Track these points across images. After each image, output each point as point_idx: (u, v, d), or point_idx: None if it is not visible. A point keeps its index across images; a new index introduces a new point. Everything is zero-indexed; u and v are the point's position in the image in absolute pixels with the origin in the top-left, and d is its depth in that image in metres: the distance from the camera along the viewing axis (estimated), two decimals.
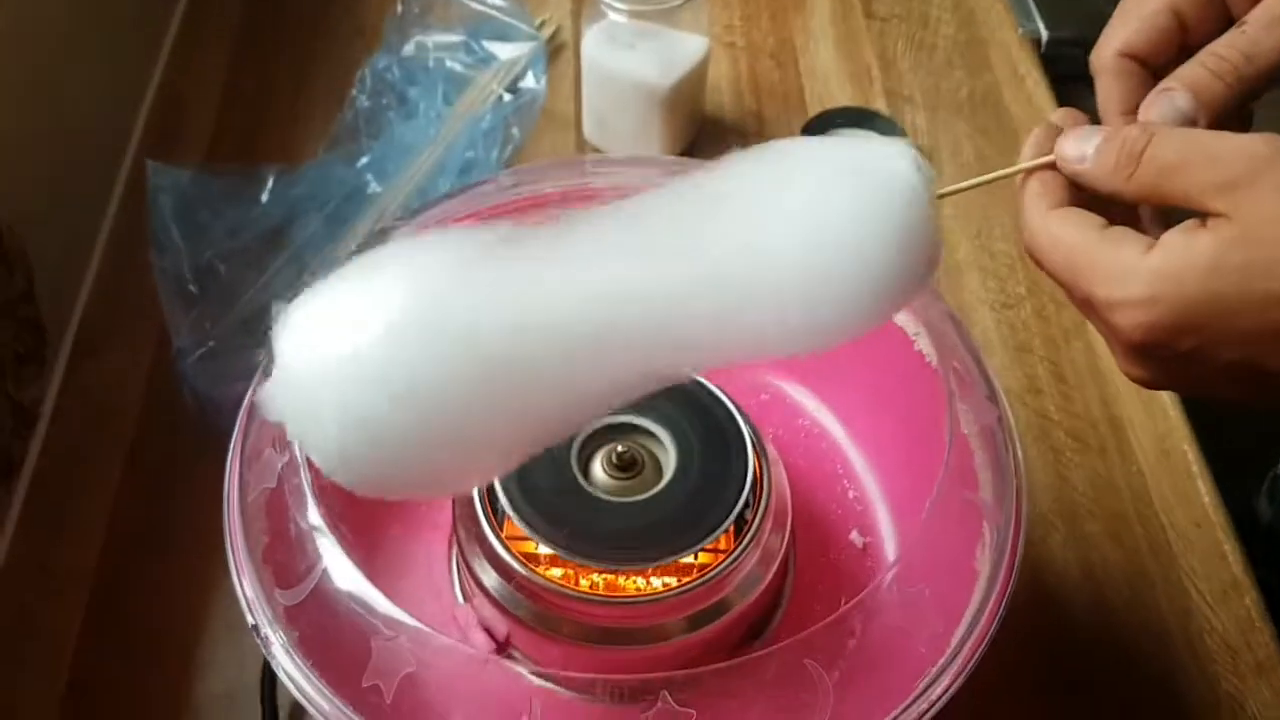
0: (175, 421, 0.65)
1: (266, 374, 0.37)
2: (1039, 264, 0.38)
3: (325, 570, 0.41)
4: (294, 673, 0.40)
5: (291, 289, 0.74)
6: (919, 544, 0.42)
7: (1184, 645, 0.59)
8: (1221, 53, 0.38)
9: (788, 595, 0.52)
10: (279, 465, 0.43)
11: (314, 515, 0.41)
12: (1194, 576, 0.62)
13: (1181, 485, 0.65)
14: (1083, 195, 0.38)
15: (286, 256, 0.71)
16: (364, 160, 0.76)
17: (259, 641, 0.41)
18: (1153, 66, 0.40)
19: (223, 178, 0.69)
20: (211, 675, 0.58)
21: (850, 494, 0.56)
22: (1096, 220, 0.37)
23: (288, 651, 0.40)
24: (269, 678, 0.56)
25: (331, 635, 0.40)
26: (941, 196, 0.39)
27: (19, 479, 0.63)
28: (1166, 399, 0.69)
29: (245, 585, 0.42)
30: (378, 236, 0.53)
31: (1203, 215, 0.34)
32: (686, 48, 0.77)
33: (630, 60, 0.76)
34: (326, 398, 0.36)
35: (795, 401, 0.58)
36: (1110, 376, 0.70)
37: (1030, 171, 0.39)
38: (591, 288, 0.37)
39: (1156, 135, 0.36)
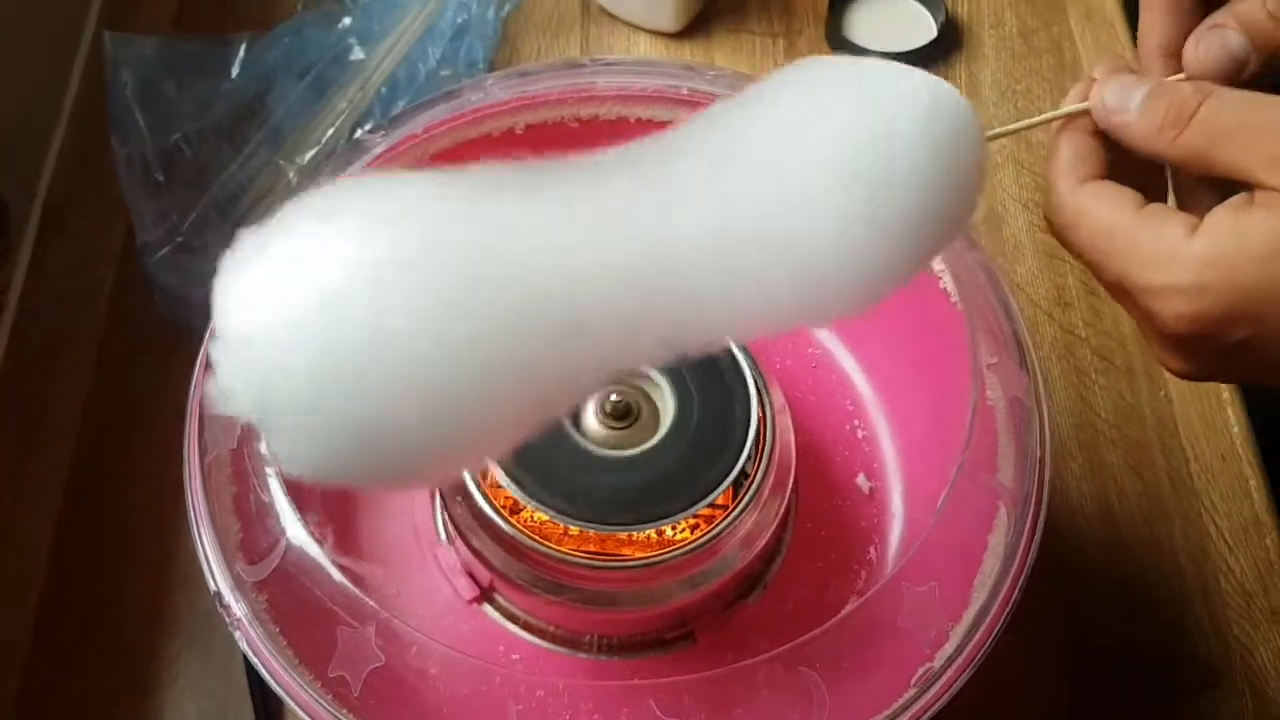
0: (147, 309, 0.61)
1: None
2: (1063, 241, 0.34)
3: (289, 544, 0.38)
4: (260, 649, 0.38)
5: (267, 171, 0.69)
6: (930, 542, 0.38)
7: (1198, 588, 0.57)
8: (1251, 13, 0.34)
9: (787, 545, 0.49)
10: (239, 425, 0.39)
11: (276, 486, 0.38)
12: (1214, 513, 0.59)
13: (1211, 414, 0.62)
14: (1122, 169, 0.34)
15: (261, 134, 0.65)
16: (346, 21, 0.69)
17: (222, 613, 0.39)
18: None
19: (189, 46, 0.63)
20: (191, 586, 0.56)
21: (860, 433, 0.52)
22: (1133, 196, 0.33)
23: (253, 623, 0.38)
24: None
25: (298, 608, 0.38)
26: (991, 139, 0.35)
27: None
28: None
29: (207, 550, 0.39)
30: (355, 149, 0.48)
31: (1250, 189, 0.30)
32: None
33: None
34: (278, 371, 0.31)
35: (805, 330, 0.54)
36: None
37: (1072, 117, 0.35)
38: (593, 240, 0.32)
39: (1213, 96, 0.32)
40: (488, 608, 0.47)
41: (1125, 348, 0.64)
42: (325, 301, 0.29)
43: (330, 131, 0.65)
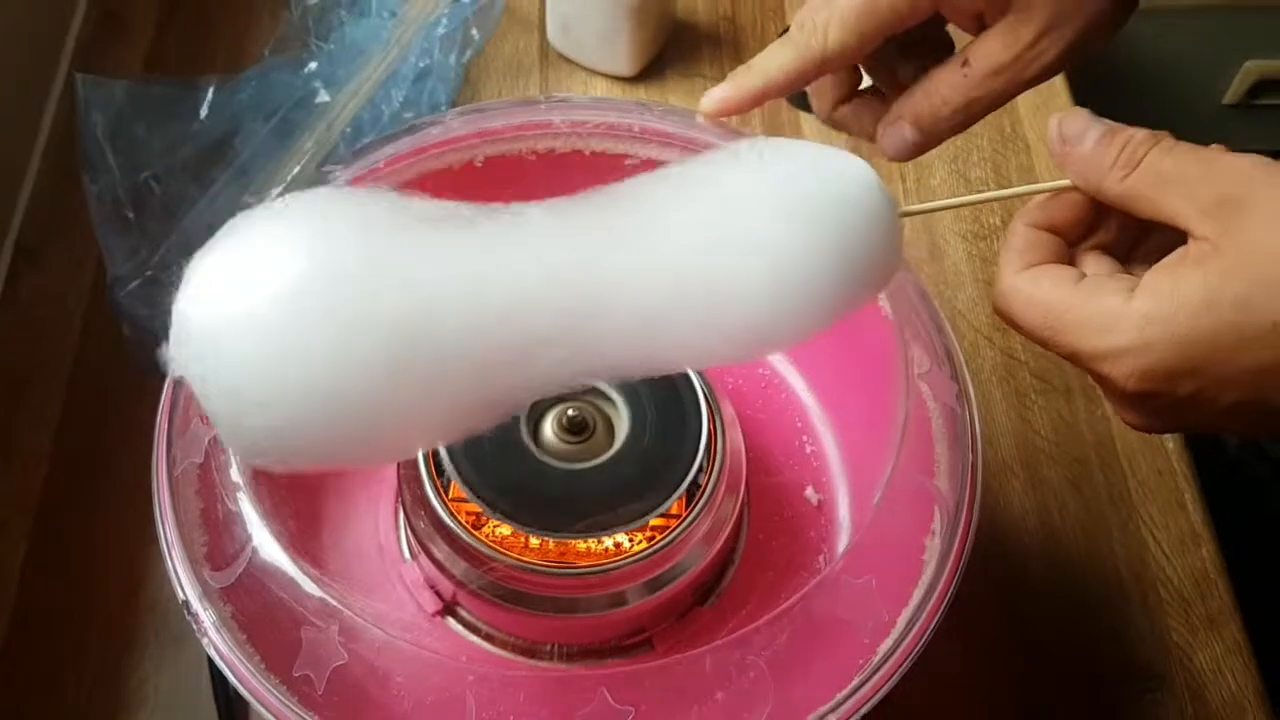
0: (116, 344, 0.63)
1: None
2: (1015, 326, 0.36)
3: (255, 549, 0.39)
4: (226, 653, 0.39)
5: (236, 206, 0.71)
6: (867, 537, 0.41)
7: (1138, 598, 0.59)
8: (945, 94, 0.39)
9: (740, 554, 0.51)
10: (206, 439, 0.41)
11: (244, 499, 0.39)
12: (1152, 526, 0.62)
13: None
14: (1062, 255, 0.37)
15: (229, 173, 0.67)
16: (312, 66, 0.71)
17: (189, 620, 0.40)
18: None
19: (159, 88, 0.65)
20: (159, 610, 0.57)
21: (808, 449, 0.54)
22: (1072, 272, 0.35)
23: (219, 629, 0.39)
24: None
25: (264, 613, 0.39)
26: (904, 215, 0.38)
27: None
28: None
29: (175, 560, 0.41)
30: (320, 179, 0.50)
31: (1184, 239, 0.32)
32: None
33: None
34: (221, 357, 0.33)
35: None
36: None
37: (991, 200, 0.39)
38: (514, 269, 0.34)
39: (1161, 144, 0.34)
40: (450, 621, 0.49)
41: (1062, 370, 0.66)
42: (257, 306, 0.32)
43: (296, 170, 0.67)
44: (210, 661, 0.52)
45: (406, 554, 0.50)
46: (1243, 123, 1.18)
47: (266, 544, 0.39)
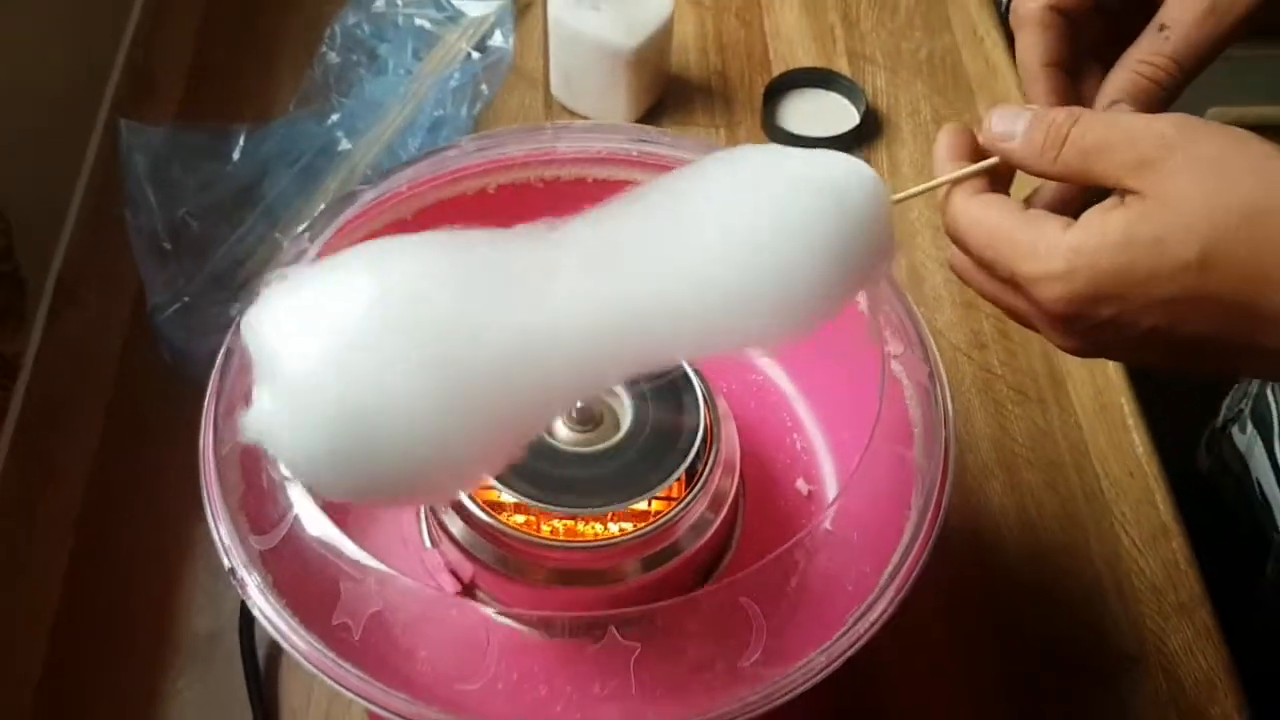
0: (153, 371, 0.67)
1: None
2: (962, 246, 0.41)
3: (296, 517, 0.43)
4: (269, 613, 0.43)
5: (264, 245, 0.76)
6: (851, 492, 0.45)
7: (1112, 587, 0.63)
8: (1153, 60, 0.41)
9: (736, 539, 0.55)
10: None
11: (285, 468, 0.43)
12: (1125, 522, 0.66)
13: (1117, 436, 0.69)
14: (1000, 184, 0.41)
15: (258, 212, 0.73)
16: (334, 117, 0.77)
17: (235, 584, 0.44)
18: (1073, 18, 0.43)
19: (194, 135, 0.71)
20: (194, 616, 0.61)
21: (798, 445, 0.59)
22: (1017, 203, 0.39)
23: (263, 593, 0.43)
24: (247, 619, 0.59)
25: (303, 577, 0.43)
26: (897, 202, 0.42)
27: (4, 427, 0.65)
28: None
29: (221, 532, 0.45)
30: (346, 199, 0.55)
31: (1121, 194, 0.37)
32: (651, 9, 0.79)
33: (595, 21, 0.77)
34: (295, 402, 0.36)
35: (747, 358, 0.61)
36: None
37: (971, 175, 0.41)
38: (562, 300, 0.38)
39: (1080, 119, 0.38)
40: (471, 603, 0.52)
41: (1037, 382, 0.71)
42: (337, 350, 0.36)
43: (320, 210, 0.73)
44: (245, 662, 0.56)
45: (427, 542, 0.54)
46: None
47: (307, 508, 0.43)
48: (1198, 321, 0.36)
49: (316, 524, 0.43)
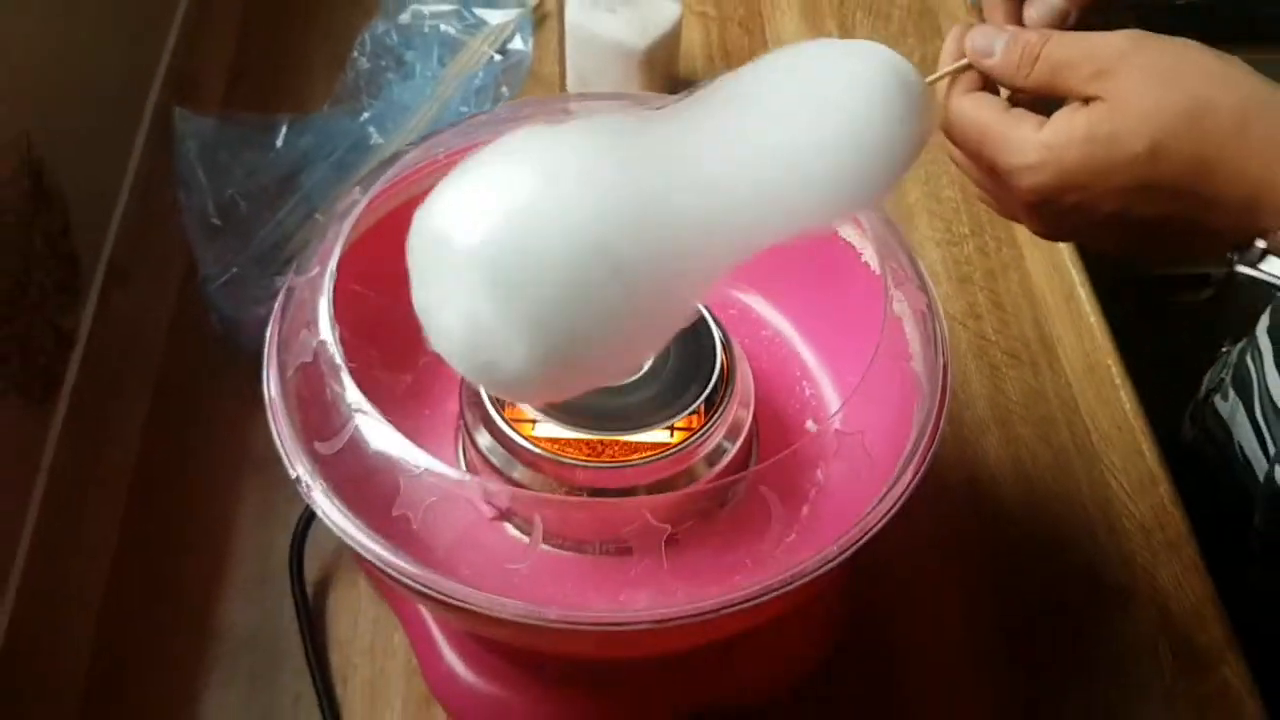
0: (201, 343, 0.72)
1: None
2: (956, 139, 0.46)
3: (358, 425, 0.48)
4: (332, 512, 0.47)
5: (302, 228, 0.81)
6: (859, 398, 0.49)
7: (1104, 528, 0.67)
8: None
9: (752, 466, 0.59)
10: (313, 343, 0.50)
11: (347, 379, 0.48)
12: (1114, 471, 0.70)
13: (1105, 393, 0.73)
14: (992, 83, 0.46)
15: (296, 199, 0.77)
16: (366, 114, 0.83)
17: (301, 490, 0.48)
18: None
19: (240, 125, 0.76)
20: (244, 561, 0.65)
21: (807, 391, 0.63)
22: (1002, 101, 0.45)
23: (326, 495, 0.47)
24: (297, 557, 0.63)
25: (362, 479, 0.47)
26: (931, 82, 0.46)
27: (60, 394, 0.70)
28: (1093, 321, 0.77)
29: (285, 443, 0.49)
30: (391, 159, 0.60)
31: (1085, 100, 0.42)
32: (661, 13, 0.84)
33: (610, 23, 0.83)
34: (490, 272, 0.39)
35: (759, 314, 0.66)
36: (1042, 300, 0.78)
37: (963, 71, 0.47)
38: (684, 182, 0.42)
39: (1051, 39, 0.44)
40: (506, 525, 0.57)
41: (1029, 347, 0.76)
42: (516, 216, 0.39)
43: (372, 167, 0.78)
44: (295, 597, 0.60)
45: (465, 471, 0.58)
46: None
47: (368, 412, 0.47)
48: (1150, 206, 0.41)
49: (377, 431, 0.47)
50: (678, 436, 0.54)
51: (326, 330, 0.50)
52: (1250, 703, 0.60)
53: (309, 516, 0.63)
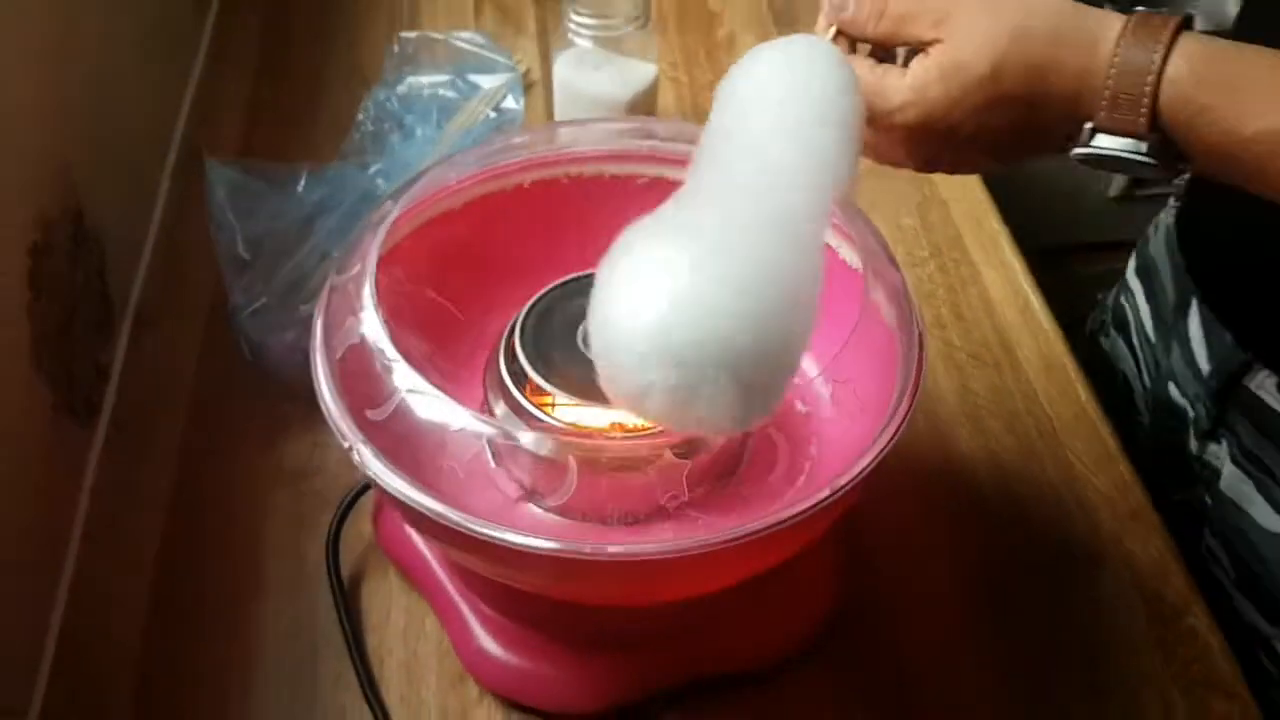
0: (231, 369, 0.77)
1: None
2: None
3: (404, 393, 0.53)
4: (383, 471, 0.52)
5: (319, 268, 0.86)
6: (846, 350, 0.56)
7: (1072, 501, 0.74)
8: None
9: (750, 448, 0.65)
10: (359, 327, 0.56)
11: (393, 352, 0.54)
12: (1076, 453, 0.76)
13: (1065, 389, 0.80)
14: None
15: (312, 243, 0.84)
16: (375, 167, 0.90)
17: (354, 457, 0.53)
18: None
19: (264, 172, 0.83)
20: (280, 566, 0.69)
21: (795, 380, 0.69)
22: (872, 61, 0.53)
23: (378, 457, 0.53)
24: (333, 552, 0.68)
25: (409, 441, 0.53)
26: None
27: (100, 418, 0.75)
28: (1048, 328, 0.84)
29: (337, 418, 0.54)
30: (417, 177, 0.67)
31: (931, 42, 0.51)
32: (639, 72, 0.93)
33: (595, 78, 0.91)
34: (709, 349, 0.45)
35: None
36: (1000, 311, 0.85)
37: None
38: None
39: None
40: (530, 505, 0.62)
41: (991, 350, 0.83)
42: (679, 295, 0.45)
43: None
44: (333, 589, 0.64)
45: (492, 463, 0.64)
46: (1124, 211, 1.41)
47: (415, 380, 0.53)
48: (1000, 117, 0.50)
49: (425, 397, 0.53)
50: None
51: (372, 313, 0.56)
52: (1213, 639, 0.66)
53: (344, 513, 0.68)
